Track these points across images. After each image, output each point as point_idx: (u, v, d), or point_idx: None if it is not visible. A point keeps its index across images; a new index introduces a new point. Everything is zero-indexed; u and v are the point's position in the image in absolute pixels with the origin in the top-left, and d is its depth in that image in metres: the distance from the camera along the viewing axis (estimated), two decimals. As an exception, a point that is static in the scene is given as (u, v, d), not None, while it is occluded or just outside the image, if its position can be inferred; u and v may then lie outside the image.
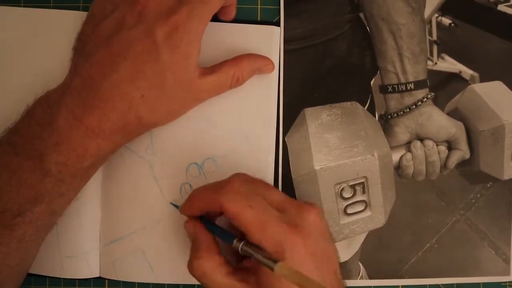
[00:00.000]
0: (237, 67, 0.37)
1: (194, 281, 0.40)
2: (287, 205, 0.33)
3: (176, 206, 0.38)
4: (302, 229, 0.31)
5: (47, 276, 0.39)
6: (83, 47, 0.34)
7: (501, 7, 0.43)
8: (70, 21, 0.38)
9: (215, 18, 0.39)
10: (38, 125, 0.32)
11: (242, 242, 0.32)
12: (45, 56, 0.39)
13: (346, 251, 0.42)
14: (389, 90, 0.42)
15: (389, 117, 0.42)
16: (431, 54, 0.42)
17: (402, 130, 0.42)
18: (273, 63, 0.39)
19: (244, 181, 0.33)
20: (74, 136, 0.32)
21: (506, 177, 0.43)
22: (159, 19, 0.32)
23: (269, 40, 0.40)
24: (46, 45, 0.39)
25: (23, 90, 0.35)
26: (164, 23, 0.32)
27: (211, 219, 0.36)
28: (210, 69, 0.36)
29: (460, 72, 0.43)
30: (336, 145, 0.41)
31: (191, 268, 0.33)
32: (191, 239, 0.35)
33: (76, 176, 0.33)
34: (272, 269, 0.29)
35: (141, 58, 0.32)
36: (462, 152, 0.43)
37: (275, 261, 0.29)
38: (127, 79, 0.32)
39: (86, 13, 0.36)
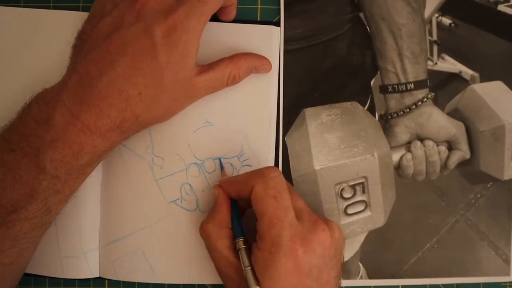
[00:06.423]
0: (234, 65, 0.37)
1: (194, 281, 0.40)
2: (305, 216, 0.33)
3: (222, 167, 0.39)
4: (308, 243, 0.32)
5: (47, 276, 0.39)
6: (82, 45, 0.34)
7: (501, 7, 0.43)
8: (70, 21, 0.38)
9: (215, 18, 0.39)
10: (35, 122, 0.32)
11: (244, 246, 0.33)
12: (45, 56, 0.39)
13: (346, 251, 0.42)
14: (389, 90, 0.42)
15: (389, 117, 0.42)
16: (431, 54, 0.42)
17: (402, 130, 0.42)
18: (270, 63, 0.39)
19: (280, 174, 0.34)
20: (70, 133, 0.32)
21: (506, 177, 0.43)
22: (157, 18, 0.33)
23: (269, 40, 0.40)
24: (46, 45, 0.39)
25: (23, 90, 0.35)
26: (163, 22, 0.32)
27: (240, 209, 0.37)
28: (207, 67, 0.36)
29: (460, 72, 0.43)
30: (336, 145, 0.41)
31: (201, 227, 0.35)
32: (214, 204, 0.36)
33: (72, 174, 0.33)
34: (249, 287, 0.32)
35: (138, 56, 0.32)
36: (462, 152, 0.43)
37: (256, 285, 0.31)
38: (124, 76, 0.32)
39: (86, 13, 0.36)
